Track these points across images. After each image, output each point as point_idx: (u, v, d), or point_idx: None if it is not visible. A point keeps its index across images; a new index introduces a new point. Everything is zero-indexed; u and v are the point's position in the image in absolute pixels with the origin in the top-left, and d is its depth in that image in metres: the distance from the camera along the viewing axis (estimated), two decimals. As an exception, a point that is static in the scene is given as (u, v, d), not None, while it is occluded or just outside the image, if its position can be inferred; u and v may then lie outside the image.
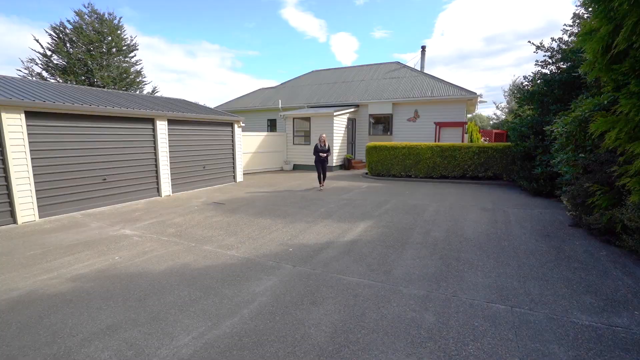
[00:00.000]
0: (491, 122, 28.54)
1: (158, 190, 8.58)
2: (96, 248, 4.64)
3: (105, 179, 7.32)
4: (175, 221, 6.13)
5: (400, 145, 11.14)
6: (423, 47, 19.20)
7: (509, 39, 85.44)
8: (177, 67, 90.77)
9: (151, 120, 8.30)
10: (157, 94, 18.14)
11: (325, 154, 9.13)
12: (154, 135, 8.38)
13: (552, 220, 5.77)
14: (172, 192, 8.93)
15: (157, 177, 8.51)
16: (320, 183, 9.37)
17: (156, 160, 8.44)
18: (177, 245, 4.73)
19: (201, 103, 20.20)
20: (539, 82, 8.30)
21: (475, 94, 13.39)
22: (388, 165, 11.39)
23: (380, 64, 19.89)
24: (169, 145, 8.78)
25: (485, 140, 19.27)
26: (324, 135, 9.31)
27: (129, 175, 7.79)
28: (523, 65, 72.48)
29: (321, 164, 9.22)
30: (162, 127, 8.49)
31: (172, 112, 8.72)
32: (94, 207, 7.12)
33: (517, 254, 4.16)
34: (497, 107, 26.49)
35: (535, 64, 8.96)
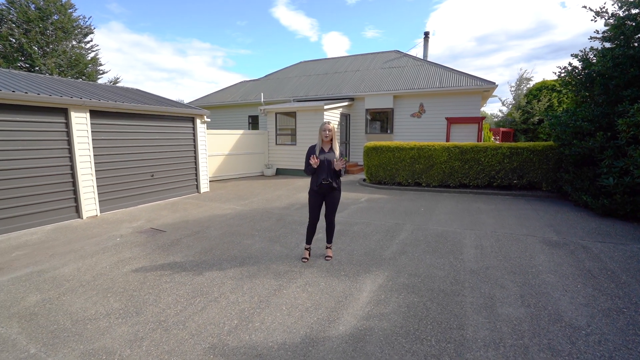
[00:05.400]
0: (495, 120, 26.59)
1: (77, 209, 6.10)
2: None
3: (-23, 199, 4.83)
4: (62, 272, 3.70)
5: (407, 145, 8.84)
6: (426, 34, 16.89)
7: (501, 40, 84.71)
8: (167, 65, 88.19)
9: (63, 112, 5.82)
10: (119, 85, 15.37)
11: (336, 170, 3.71)
12: (69, 133, 5.90)
13: (681, 270, 3.52)
14: (101, 212, 6.46)
15: (76, 191, 6.04)
16: (307, 243, 4.06)
17: (73, 167, 5.97)
18: (-4, 355, 2.31)
19: (187, 102, 17.65)
20: (602, 60, 6.06)
21: (494, 83, 11.18)
22: (392, 170, 9.09)
23: (377, 53, 17.57)
24: (95, 147, 6.31)
25: (495, 140, 17.17)
26: (330, 124, 3.77)
27: (21, 190, 5.30)
28: (513, 65, 71.69)
29: (322, 198, 3.84)
30: (80, 120, 6.01)
31: (98, 100, 6.25)
32: (-46, 242, 4.64)
33: None
34: (503, 104, 24.40)
35: (591, 38, 6.76)
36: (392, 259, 3.96)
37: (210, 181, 10.32)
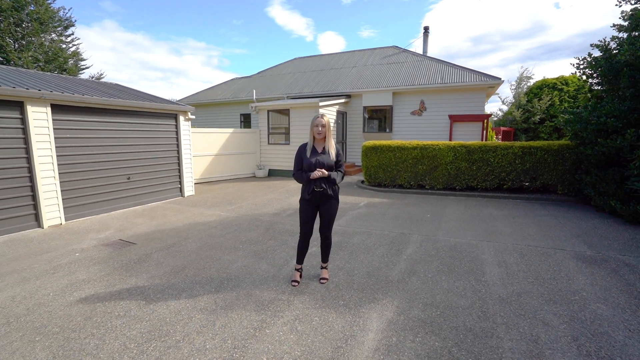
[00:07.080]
0: (494, 119, 26.09)
1: (37, 217, 5.33)
2: None
3: None
4: (-9, 302, 2.96)
5: (409, 145, 8.17)
6: (426, 29, 16.24)
7: (496, 40, 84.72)
8: (162, 65, 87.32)
9: (18, 105, 5.05)
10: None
11: (328, 176, 2.96)
12: (25, 130, 5.13)
13: None
14: (66, 219, 5.69)
15: (35, 196, 5.27)
16: (298, 262, 3.30)
17: (31, 169, 5.20)
18: None
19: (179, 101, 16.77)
20: (631, 49, 5.42)
21: (499, 79, 10.55)
22: (393, 171, 8.41)
23: (375, 48, 16.90)
24: (58, 146, 5.54)
25: (498, 139, 16.59)
26: (324, 118, 3.00)
27: (-35, 197, 4.54)
28: (508, 65, 71.62)
29: (316, 208, 3.11)
30: (39, 115, 5.24)
31: (61, 93, 5.48)
32: None
33: None
34: (503, 102, 23.85)
35: (614, 26, 6.13)
36: (400, 282, 3.27)
37: (196, 183, 9.59)
